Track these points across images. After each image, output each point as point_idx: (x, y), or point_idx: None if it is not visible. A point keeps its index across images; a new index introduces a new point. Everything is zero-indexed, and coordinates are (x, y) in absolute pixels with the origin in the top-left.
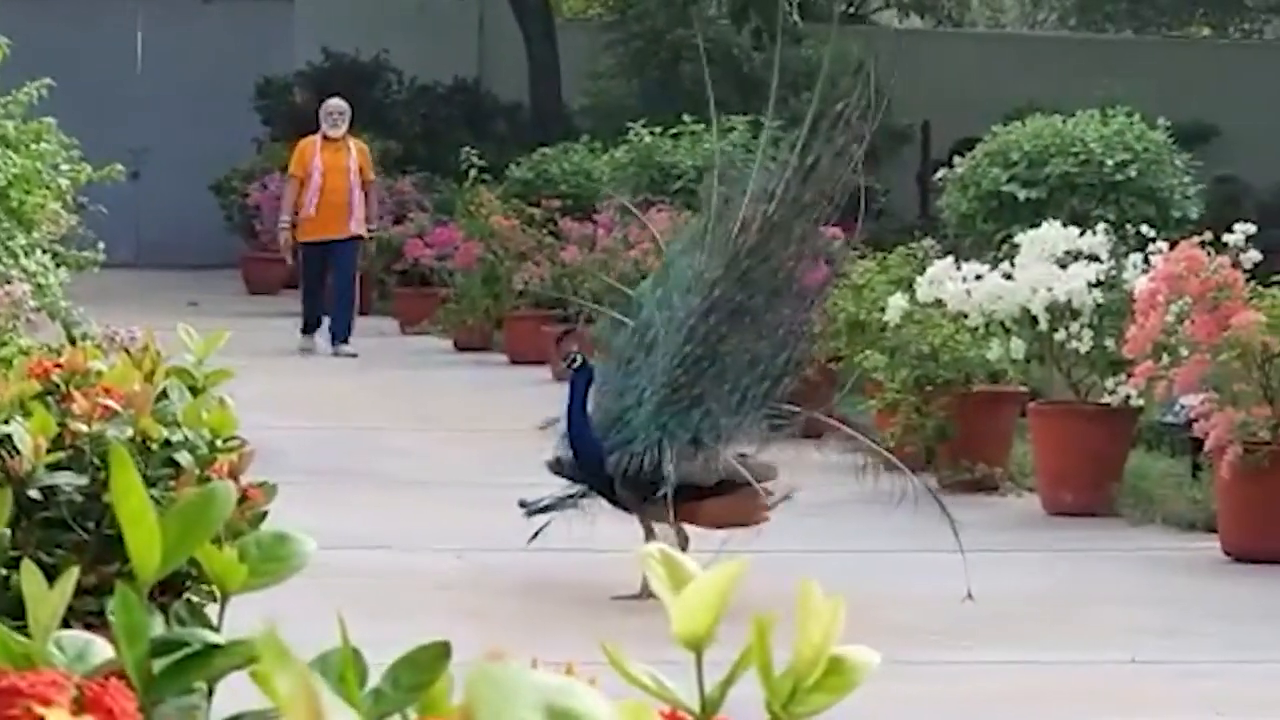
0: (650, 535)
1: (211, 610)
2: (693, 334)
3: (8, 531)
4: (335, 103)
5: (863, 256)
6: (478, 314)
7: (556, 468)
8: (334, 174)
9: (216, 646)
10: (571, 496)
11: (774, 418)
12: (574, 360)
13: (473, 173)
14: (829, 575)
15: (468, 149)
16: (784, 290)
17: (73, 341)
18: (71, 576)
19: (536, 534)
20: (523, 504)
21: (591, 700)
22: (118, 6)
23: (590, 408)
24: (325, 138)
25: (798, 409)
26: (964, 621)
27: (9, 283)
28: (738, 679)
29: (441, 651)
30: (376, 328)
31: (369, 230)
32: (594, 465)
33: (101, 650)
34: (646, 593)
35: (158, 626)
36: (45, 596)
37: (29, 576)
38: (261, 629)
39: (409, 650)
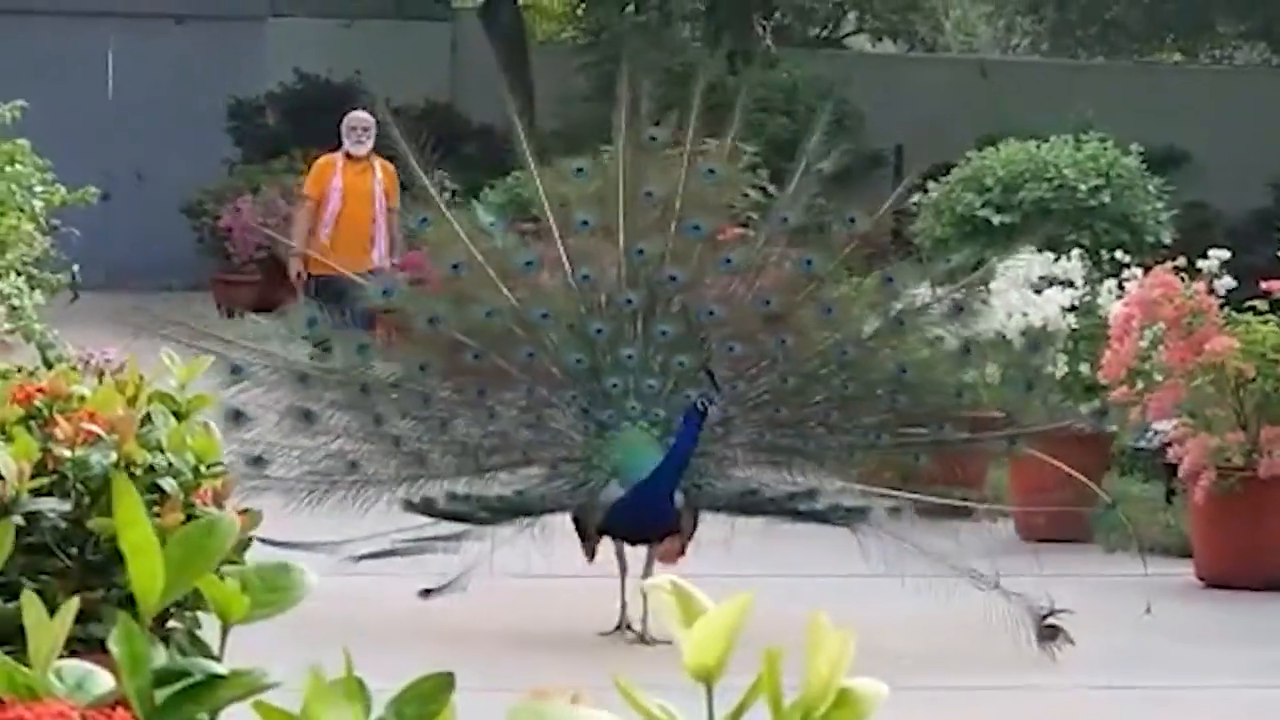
0: (624, 567)
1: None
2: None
3: None
4: (359, 115)
5: (836, 281)
6: None
7: (423, 508)
8: (355, 199)
9: (219, 676)
10: (441, 538)
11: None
12: (711, 401)
13: (445, 196)
14: (806, 599)
15: (440, 172)
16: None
17: (48, 364)
18: (72, 607)
19: (434, 591)
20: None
21: None
22: (88, 27)
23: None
24: (348, 156)
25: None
26: (939, 647)
27: None
28: (748, 709)
29: (445, 683)
30: None
31: (391, 264)
32: (665, 500)
33: (101, 679)
34: (626, 625)
35: (160, 656)
36: (46, 626)
37: (30, 606)
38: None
39: (413, 681)
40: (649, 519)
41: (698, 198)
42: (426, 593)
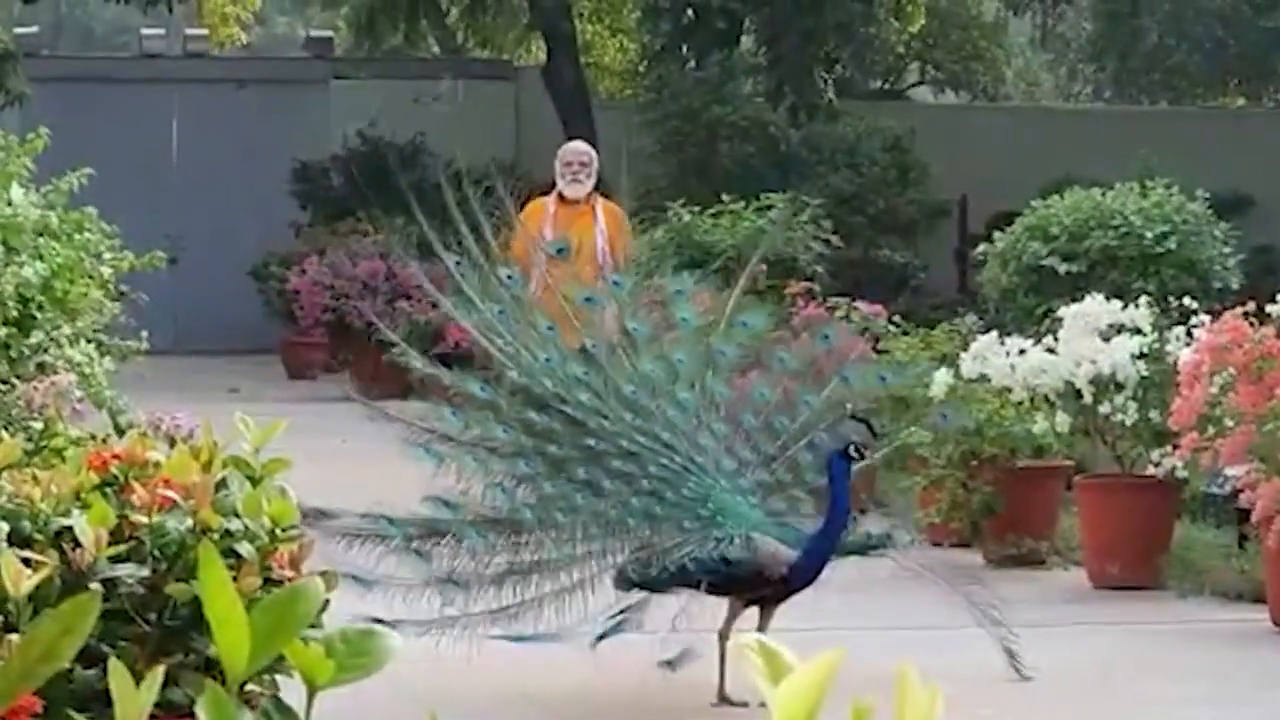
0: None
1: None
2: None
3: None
4: (576, 148)
5: (905, 333)
6: None
7: (642, 581)
8: (572, 253)
9: None
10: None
11: None
12: (864, 448)
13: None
14: (871, 652)
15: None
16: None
17: (119, 431)
18: (157, 676)
19: (673, 661)
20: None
21: None
22: (153, 93)
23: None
24: (561, 199)
25: None
26: (1013, 698)
27: (55, 372)
28: None
29: None
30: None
31: None
32: (821, 565)
33: None
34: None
35: None
36: (132, 695)
37: (117, 675)
38: None
39: None
40: (816, 572)
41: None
42: (668, 664)
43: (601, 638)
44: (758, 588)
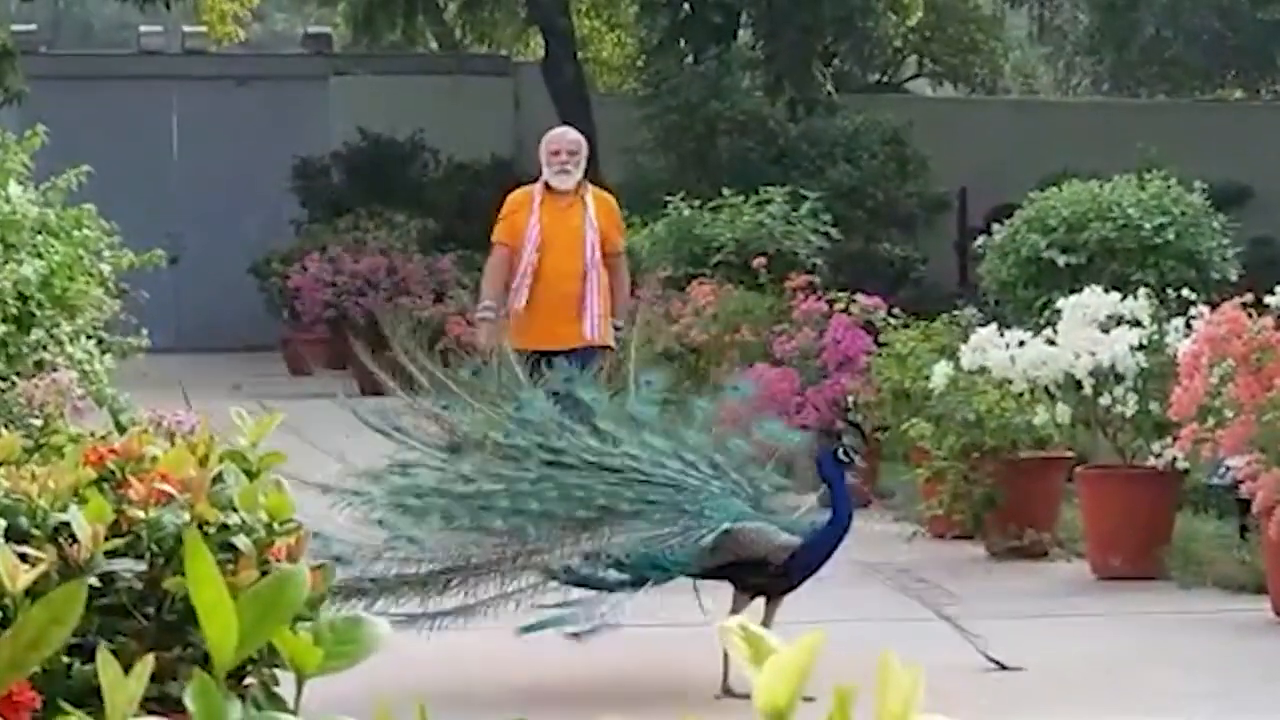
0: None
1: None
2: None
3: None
4: (564, 135)
5: (905, 325)
6: None
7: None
8: (559, 245)
9: None
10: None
11: None
12: (856, 452)
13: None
14: (868, 643)
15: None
16: None
17: (120, 428)
18: (147, 665)
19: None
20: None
21: None
22: (152, 90)
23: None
24: (548, 189)
25: None
26: (1014, 689)
27: (55, 370)
28: None
29: None
30: None
31: (615, 329)
32: (826, 556)
33: None
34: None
35: (235, 711)
36: (122, 684)
37: (106, 665)
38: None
39: None
40: (820, 562)
41: None
42: (576, 635)
43: (531, 629)
44: (759, 574)
